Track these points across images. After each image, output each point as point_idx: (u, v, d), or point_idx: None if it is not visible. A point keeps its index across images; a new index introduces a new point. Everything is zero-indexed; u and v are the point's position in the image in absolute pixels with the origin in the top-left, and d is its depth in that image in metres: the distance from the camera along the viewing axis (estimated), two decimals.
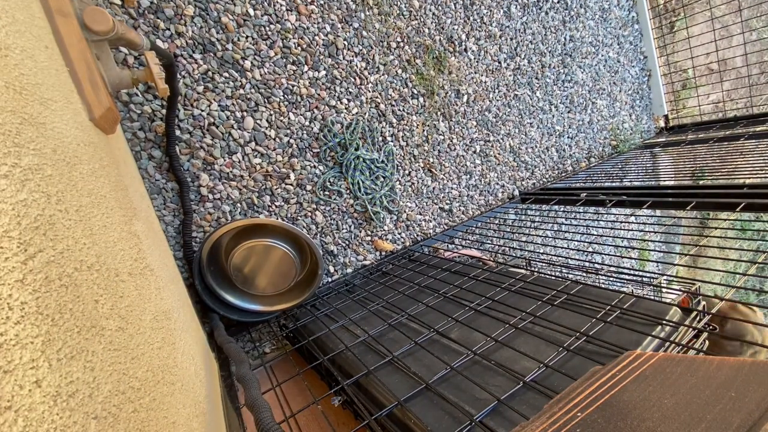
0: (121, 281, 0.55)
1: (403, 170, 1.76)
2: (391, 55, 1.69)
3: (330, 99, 1.53)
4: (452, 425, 0.73)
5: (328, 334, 1.18)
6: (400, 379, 0.91)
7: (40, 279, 0.35)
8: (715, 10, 2.88)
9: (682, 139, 2.60)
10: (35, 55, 0.53)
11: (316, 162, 1.52)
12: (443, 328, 1.05)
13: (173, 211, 1.28)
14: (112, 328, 0.47)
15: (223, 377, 1.17)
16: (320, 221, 1.54)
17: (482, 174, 2.03)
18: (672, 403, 0.54)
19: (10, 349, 0.29)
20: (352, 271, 1.64)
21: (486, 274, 1.33)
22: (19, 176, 0.37)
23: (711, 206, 1.49)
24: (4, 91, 0.41)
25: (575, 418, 0.57)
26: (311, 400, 0.89)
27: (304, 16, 1.45)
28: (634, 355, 0.69)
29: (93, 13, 0.77)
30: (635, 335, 0.83)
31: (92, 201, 0.55)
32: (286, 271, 1.37)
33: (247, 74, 1.35)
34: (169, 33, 1.23)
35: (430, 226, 1.87)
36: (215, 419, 0.83)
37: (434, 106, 1.83)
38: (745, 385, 0.53)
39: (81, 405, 0.35)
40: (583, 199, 1.80)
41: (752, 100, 2.75)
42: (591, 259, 2.62)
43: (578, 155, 2.48)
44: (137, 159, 1.22)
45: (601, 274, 1.66)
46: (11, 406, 0.27)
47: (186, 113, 1.27)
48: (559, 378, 0.78)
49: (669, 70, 2.81)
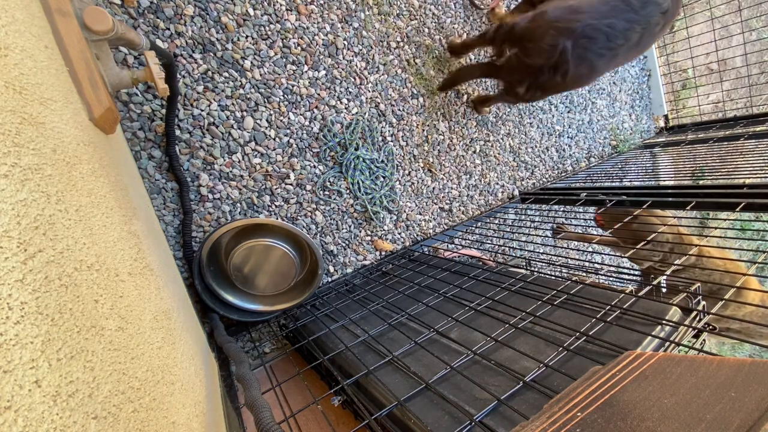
0: (121, 281, 0.55)
1: (402, 170, 1.76)
2: (391, 55, 1.69)
3: (330, 99, 1.53)
4: (452, 425, 0.73)
5: (328, 334, 1.18)
6: (400, 378, 0.91)
7: (39, 279, 0.35)
8: (714, 10, 2.88)
9: (682, 139, 2.60)
10: (35, 55, 0.53)
11: (316, 162, 1.52)
12: (443, 328, 1.05)
13: (173, 211, 1.28)
14: (111, 327, 0.47)
15: (223, 377, 1.17)
16: (320, 221, 1.54)
17: (482, 174, 2.03)
18: (672, 403, 0.54)
19: (9, 349, 0.29)
20: (352, 270, 1.64)
21: (486, 274, 1.33)
22: (19, 176, 0.37)
23: (711, 206, 1.49)
24: (4, 90, 0.41)
25: (575, 417, 0.57)
26: (311, 400, 0.89)
27: (303, 16, 1.45)
28: (634, 355, 0.69)
29: (93, 13, 0.77)
30: (635, 335, 0.83)
31: (92, 201, 0.55)
32: (286, 270, 1.37)
33: (247, 74, 1.35)
34: (169, 33, 1.23)
35: (430, 226, 1.87)
36: (215, 419, 0.83)
37: (434, 106, 1.83)
38: (745, 385, 0.53)
39: (81, 405, 0.35)
40: (583, 199, 1.80)
41: (752, 100, 2.75)
42: (591, 259, 2.63)
43: (578, 155, 2.48)
44: (137, 159, 1.22)
45: (601, 274, 1.66)
46: (11, 406, 0.27)
47: (186, 113, 1.27)
48: (559, 378, 0.78)
49: (669, 70, 2.82)
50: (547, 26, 1.35)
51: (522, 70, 1.48)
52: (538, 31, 1.37)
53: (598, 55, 1.37)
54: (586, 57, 1.36)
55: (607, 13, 1.33)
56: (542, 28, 1.36)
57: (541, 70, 1.42)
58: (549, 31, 1.35)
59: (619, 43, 1.36)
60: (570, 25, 1.32)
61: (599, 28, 1.32)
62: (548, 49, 1.36)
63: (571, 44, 1.34)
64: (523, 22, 1.43)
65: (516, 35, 1.45)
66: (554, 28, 1.34)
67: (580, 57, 1.36)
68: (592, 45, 1.34)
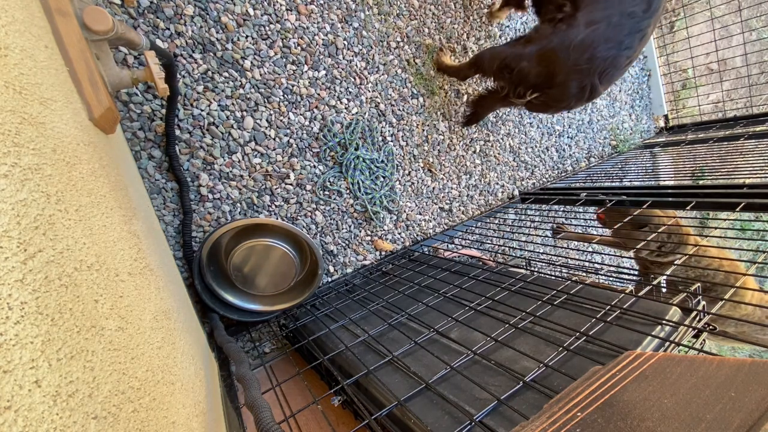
0: (121, 281, 0.55)
1: (402, 170, 1.76)
2: (391, 55, 1.69)
3: (330, 99, 1.53)
4: (452, 425, 0.73)
5: (328, 334, 1.18)
6: (399, 378, 0.91)
7: (39, 279, 0.35)
8: (714, 10, 2.88)
9: (682, 139, 2.60)
10: (35, 55, 0.53)
11: (316, 162, 1.52)
12: (443, 328, 1.05)
13: (173, 210, 1.28)
14: (111, 327, 0.47)
15: (223, 377, 1.17)
16: (320, 221, 1.54)
17: (482, 174, 2.03)
18: (672, 403, 0.54)
19: (9, 349, 0.29)
20: (352, 270, 1.64)
21: (486, 274, 1.33)
22: (19, 176, 0.37)
23: (711, 206, 1.49)
24: (4, 90, 0.41)
25: (575, 417, 0.57)
26: (311, 399, 0.89)
27: (303, 16, 1.45)
28: (634, 355, 0.69)
29: (93, 13, 0.77)
30: (635, 335, 0.83)
31: (92, 201, 0.55)
32: (285, 270, 1.37)
33: (247, 74, 1.35)
34: (169, 32, 1.23)
35: (430, 226, 1.87)
36: (215, 419, 0.83)
37: (434, 106, 1.83)
38: (745, 385, 0.53)
39: (81, 405, 0.35)
40: (583, 199, 1.80)
41: (752, 100, 2.75)
42: (591, 259, 2.63)
43: (578, 155, 2.48)
44: (137, 159, 1.22)
45: (601, 274, 1.66)
46: (11, 406, 0.27)
47: (186, 113, 1.27)
48: (559, 378, 0.78)
49: (669, 70, 2.81)
50: (568, 72, 1.33)
51: (551, 105, 1.47)
52: (559, 78, 1.35)
53: (618, 67, 1.36)
54: (612, 75, 1.36)
55: (618, 33, 1.30)
56: (563, 74, 1.34)
57: (576, 100, 1.41)
58: (571, 77, 1.33)
59: (634, 44, 1.35)
60: (591, 65, 1.31)
61: (617, 54, 1.31)
62: (577, 92, 1.36)
63: (598, 78, 1.33)
64: (530, 66, 1.38)
65: (531, 82, 1.42)
66: (575, 72, 1.33)
67: (608, 79, 1.37)
68: (613, 65, 1.33)
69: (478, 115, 1.85)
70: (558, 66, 1.34)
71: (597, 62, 1.31)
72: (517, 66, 1.42)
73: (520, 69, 1.42)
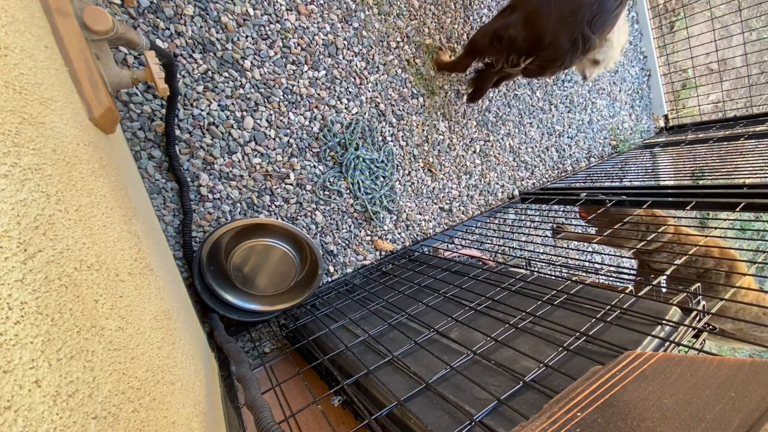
0: (121, 281, 0.55)
1: (402, 170, 1.76)
2: (391, 55, 1.69)
3: (330, 99, 1.53)
4: (452, 425, 0.73)
5: (328, 334, 1.18)
6: (399, 378, 0.91)
7: (39, 279, 0.35)
8: (714, 10, 2.88)
9: (682, 139, 2.60)
10: (35, 55, 0.53)
11: (316, 162, 1.52)
12: (443, 328, 1.05)
13: (173, 210, 1.28)
14: (111, 327, 0.47)
15: (223, 377, 1.17)
16: (320, 221, 1.54)
17: (482, 174, 2.03)
18: (672, 403, 0.54)
19: (9, 349, 0.29)
20: (352, 270, 1.64)
21: (486, 274, 1.33)
22: (19, 176, 0.37)
23: (711, 206, 1.49)
24: (4, 90, 0.41)
25: (575, 417, 0.57)
26: (311, 399, 0.89)
27: (303, 16, 1.45)
28: (634, 355, 0.69)
29: (93, 13, 0.77)
30: (635, 335, 0.83)
31: (92, 201, 0.55)
32: (285, 270, 1.37)
33: (247, 74, 1.35)
34: (169, 32, 1.23)
35: (430, 225, 1.87)
36: (215, 419, 0.83)
37: (434, 106, 1.83)
38: (745, 385, 0.53)
39: (81, 405, 0.35)
40: (583, 199, 1.80)
41: (752, 100, 2.75)
42: (591, 259, 2.63)
43: (578, 155, 2.48)
44: (137, 159, 1.22)
45: (601, 274, 1.66)
46: (11, 406, 0.27)
47: (186, 113, 1.27)
48: (559, 378, 0.78)
49: (669, 70, 2.81)
50: (555, 28, 1.31)
51: (548, 66, 1.45)
52: (548, 37, 1.33)
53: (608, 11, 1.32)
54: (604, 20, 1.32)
55: None
56: (551, 33, 1.32)
57: (571, 55, 1.38)
58: (560, 33, 1.31)
59: None
60: (576, 16, 1.28)
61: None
62: (570, 46, 1.33)
63: (588, 27, 1.29)
64: (518, 31, 1.37)
65: (521, 47, 1.40)
66: (563, 27, 1.30)
67: (600, 25, 1.32)
68: (602, 9, 1.29)
69: (481, 90, 1.83)
70: (544, 25, 1.32)
71: (582, 11, 1.28)
72: (505, 34, 1.41)
73: (509, 36, 1.41)
